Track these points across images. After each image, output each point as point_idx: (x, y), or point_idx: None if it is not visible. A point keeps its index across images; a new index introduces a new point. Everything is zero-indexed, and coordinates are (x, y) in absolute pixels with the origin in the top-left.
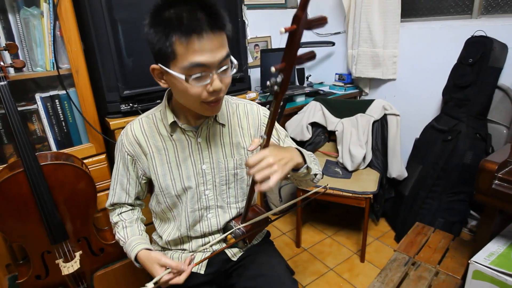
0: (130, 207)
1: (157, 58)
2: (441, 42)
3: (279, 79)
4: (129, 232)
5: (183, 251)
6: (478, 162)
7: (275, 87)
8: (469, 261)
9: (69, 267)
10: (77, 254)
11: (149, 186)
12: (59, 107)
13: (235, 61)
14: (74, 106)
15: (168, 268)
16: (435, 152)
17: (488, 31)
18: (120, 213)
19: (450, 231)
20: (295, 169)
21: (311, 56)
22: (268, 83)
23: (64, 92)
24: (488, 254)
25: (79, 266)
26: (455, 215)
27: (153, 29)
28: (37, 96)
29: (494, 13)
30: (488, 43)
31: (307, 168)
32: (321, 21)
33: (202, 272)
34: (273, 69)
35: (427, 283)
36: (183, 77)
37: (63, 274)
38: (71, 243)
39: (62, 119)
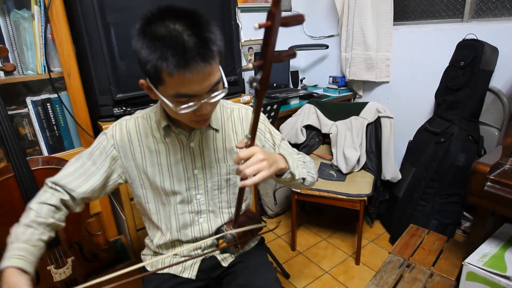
0: (65, 200)
1: (145, 75)
2: (433, 45)
3: (258, 76)
4: (27, 234)
5: (174, 256)
6: (470, 164)
7: (254, 84)
8: (462, 263)
9: (61, 274)
10: (69, 260)
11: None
12: (50, 111)
13: (226, 84)
14: (66, 109)
15: None
16: (428, 154)
17: (479, 34)
18: (44, 203)
19: (444, 233)
20: (279, 174)
21: (290, 54)
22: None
23: (55, 95)
24: (482, 256)
25: (71, 272)
26: (449, 216)
27: (140, 49)
28: (28, 100)
29: (485, 17)
30: (479, 46)
31: (291, 173)
32: (298, 18)
33: (193, 277)
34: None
35: (421, 285)
36: (171, 104)
37: (54, 280)
38: (63, 249)
39: (53, 123)
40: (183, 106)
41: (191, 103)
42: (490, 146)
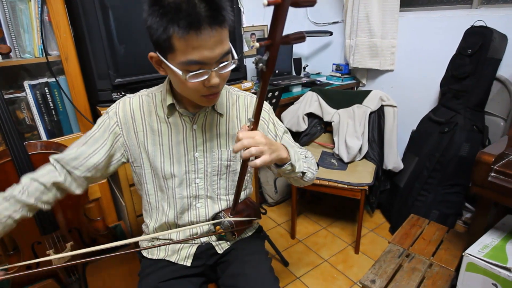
0: (50, 185)
1: (155, 46)
2: (440, 33)
3: (265, 57)
4: (1, 207)
5: (170, 241)
6: (474, 154)
7: (260, 65)
8: (463, 254)
9: (60, 258)
10: (68, 244)
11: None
12: (48, 95)
13: (235, 56)
14: (64, 94)
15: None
16: (431, 144)
17: (488, 21)
18: (36, 180)
19: (444, 223)
20: (280, 164)
21: (299, 36)
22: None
23: (53, 79)
24: (482, 247)
25: (70, 257)
26: (450, 207)
27: (151, 17)
28: (26, 84)
29: (495, 3)
30: (488, 34)
31: (292, 165)
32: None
33: (188, 264)
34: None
35: (420, 274)
36: (180, 72)
37: (54, 265)
38: (62, 233)
39: (52, 107)
40: (192, 73)
41: (201, 70)
42: (495, 136)
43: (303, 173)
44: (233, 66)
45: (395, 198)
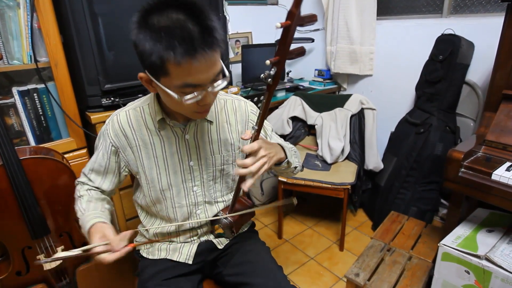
0: (100, 190)
1: (146, 68)
2: (414, 40)
3: (272, 72)
4: (91, 206)
5: (170, 243)
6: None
7: (269, 80)
8: (438, 244)
9: (50, 263)
10: (59, 249)
11: (132, 179)
12: (37, 101)
13: (227, 73)
14: (53, 99)
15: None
16: (408, 144)
17: (456, 29)
18: (89, 189)
19: (422, 219)
20: (277, 163)
21: (301, 51)
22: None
23: (42, 85)
24: (456, 237)
25: (61, 261)
26: (427, 203)
27: (143, 42)
28: (14, 90)
29: (462, 13)
30: (457, 41)
31: (288, 162)
32: (311, 19)
33: (190, 262)
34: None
35: (401, 267)
36: (176, 95)
37: (44, 269)
38: (53, 238)
39: (41, 113)
40: (188, 97)
41: (196, 93)
42: (466, 136)
43: (295, 167)
44: (225, 83)
45: (376, 197)
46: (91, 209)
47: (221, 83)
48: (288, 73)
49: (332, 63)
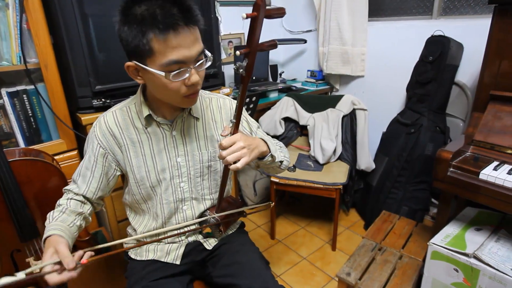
0: (83, 200)
1: (132, 55)
2: (405, 41)
3: (244, 63)
4: (61, 217)
5: (158, 243)
6: None
7: (241, 70)
8: (428, 243)
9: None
10: (31, 259)
11: (122, 179)
12: (27, 102)
13: (209, 54)
14: (43, 101)
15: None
16: (399, 144)
17: (446, 31)
18: (70, 199)
19: (413, 218)
20: (261, 157)
21: (272, 44)
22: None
23: (32, 87)
24: (445, 236)
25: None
26: (418, 203)
27: (126, 27)
28: (3, 91)
29: (452, 15)
30: (446, 42)
31: (272, 156)
32: (279, 11)
33: (178, 262)
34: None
35: (391, 266)
36: (162, 73)
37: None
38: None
39: (30, 114)
40: (175, 72)
41: (181, 69)
42: (456, 136)
43: (281, 161)
44: (209, 63)
45: (368, 197)
46: (58, 220)
47: (204, 62)
48: (281, 74)
49: (325, 64)
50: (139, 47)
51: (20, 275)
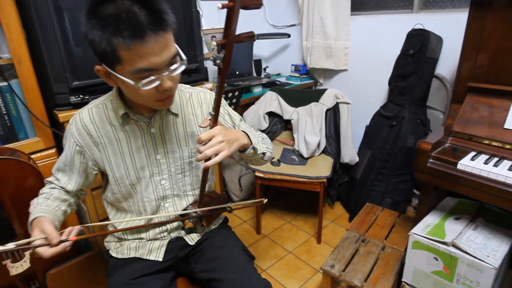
0: (65, 191)
1: (100, 59)
2: (387, 35)
3: (221, 54)
4: (46, 203)
5: (140, 240)
6: None
7: (218, 62)
8: (409, 233)
9: (18, 267)
10: (27, 253)
11: (102, 176)
12: (0, 100)
13: (184, 57)
14: (17, 98)
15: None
16: (382, 137)
17: (426, 24)
18: (53, 188)
19: (396, 209)
20: (242, 150)
21: (250, 35)
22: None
23: (5, 83)
24: (425, 226)
25: (29, 265)
26: (400, 194)
27: (92, 31)
28: None
29: (432, 8)
30: (426, 36)
31: (254, 148)
32: (256, 2)
33: (160, 259)
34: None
35: (374, 256)
36: (132, 82)
37: (11, 274)
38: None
39: (4, 112)
40: (144, 81)
41: (152, 77)
42: (436, 128)
43: (264, 153)
44: (183, 67)
45: (352, 190)
46: (43, 205)
47: (178, 67)
48: (265, 69)
49: (308, 58)
50: (106, 54)
51: (10, 245)
